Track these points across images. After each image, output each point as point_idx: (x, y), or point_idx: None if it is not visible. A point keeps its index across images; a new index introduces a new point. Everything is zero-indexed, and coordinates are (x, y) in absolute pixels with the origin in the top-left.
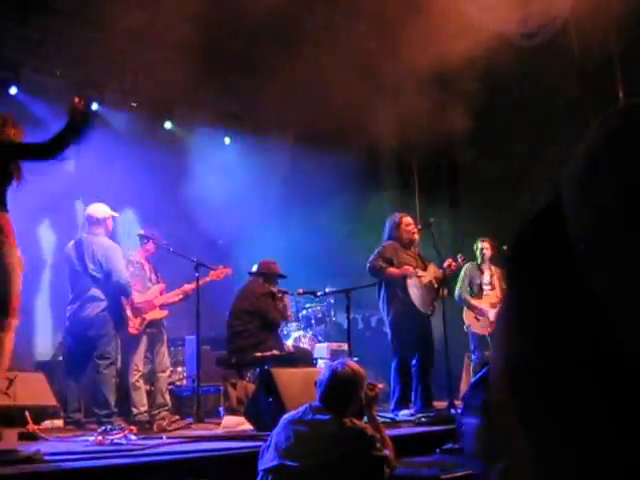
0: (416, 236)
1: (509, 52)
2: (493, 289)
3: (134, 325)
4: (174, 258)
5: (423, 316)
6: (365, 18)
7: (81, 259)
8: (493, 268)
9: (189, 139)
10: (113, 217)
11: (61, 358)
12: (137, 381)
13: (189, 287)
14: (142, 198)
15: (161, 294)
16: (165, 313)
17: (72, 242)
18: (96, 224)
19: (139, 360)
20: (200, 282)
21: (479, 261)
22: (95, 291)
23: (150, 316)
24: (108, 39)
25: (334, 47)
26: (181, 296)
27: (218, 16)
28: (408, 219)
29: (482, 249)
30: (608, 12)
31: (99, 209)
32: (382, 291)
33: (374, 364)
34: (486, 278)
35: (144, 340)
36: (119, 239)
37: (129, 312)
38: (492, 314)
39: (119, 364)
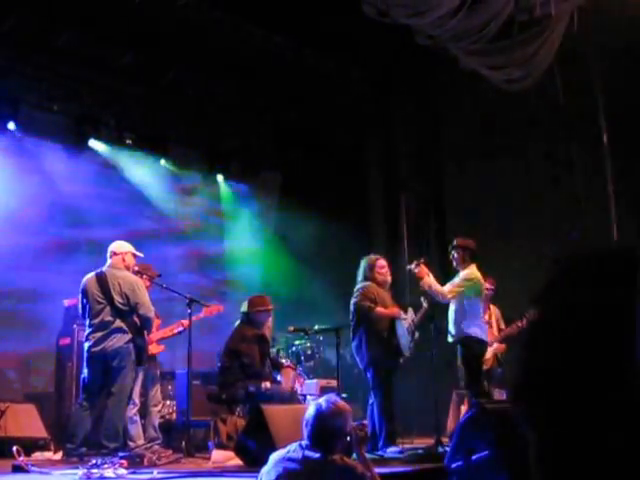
0: (389, 279)
1: None
2: (490, 327)
3: None
4: (167, 294)
5: (399, 357)
6: None
7: (106, 292)
8: (492, 307)
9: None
10: (134, 255)
11: (52, 389)
12: (135, 414)
13: (185, 322)
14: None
15: (157, 329)
16: (162, 348)
17: (92, 274)
18: (116, 259)
19: (135, 394)
20: (193, 318)
21: None
22: (120, 323)
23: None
24: (105, 76)
25: None
26: (176, 331)
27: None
28: (382, 262)
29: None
30: None
31: (120, 244)
32: (361, 331)
33: (363, 401)
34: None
35: (140, 374)
36: None
37: None
38: (489, 351)
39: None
